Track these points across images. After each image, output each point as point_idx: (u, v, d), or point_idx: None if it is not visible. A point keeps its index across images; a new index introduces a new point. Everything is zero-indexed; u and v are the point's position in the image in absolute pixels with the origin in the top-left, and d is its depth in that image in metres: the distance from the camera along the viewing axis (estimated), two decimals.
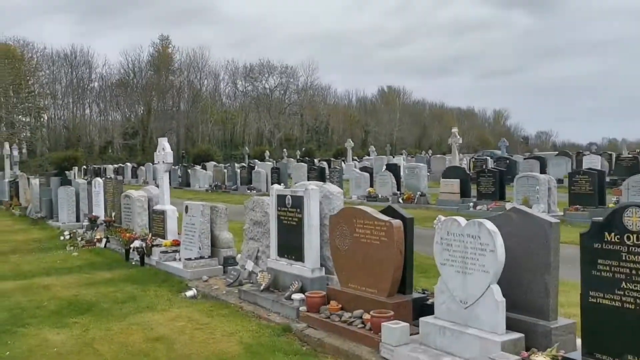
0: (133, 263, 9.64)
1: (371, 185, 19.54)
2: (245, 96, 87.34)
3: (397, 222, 5.37)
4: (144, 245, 9.48)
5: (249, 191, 25.27)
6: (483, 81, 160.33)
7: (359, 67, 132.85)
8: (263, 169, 25.33)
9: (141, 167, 37.80)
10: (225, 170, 28.44)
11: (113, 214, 12.23)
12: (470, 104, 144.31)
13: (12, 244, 12.48)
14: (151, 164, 38.75)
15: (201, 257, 8.56)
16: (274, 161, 40.48)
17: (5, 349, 5.57)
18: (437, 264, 4.82)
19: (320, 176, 21.79)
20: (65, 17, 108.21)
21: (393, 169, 18.98)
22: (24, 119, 64.48)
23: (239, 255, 8.87)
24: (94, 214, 13.11)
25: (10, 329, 6.17)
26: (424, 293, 5.72)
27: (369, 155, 58.06)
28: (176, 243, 9.64)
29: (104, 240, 11.53)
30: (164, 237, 9.92)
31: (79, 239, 11.95)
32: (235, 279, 7.82)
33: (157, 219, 10.15)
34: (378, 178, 18.89)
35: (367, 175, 19.45)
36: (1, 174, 23.41)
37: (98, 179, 13.53)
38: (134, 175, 36.90)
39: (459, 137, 27.16)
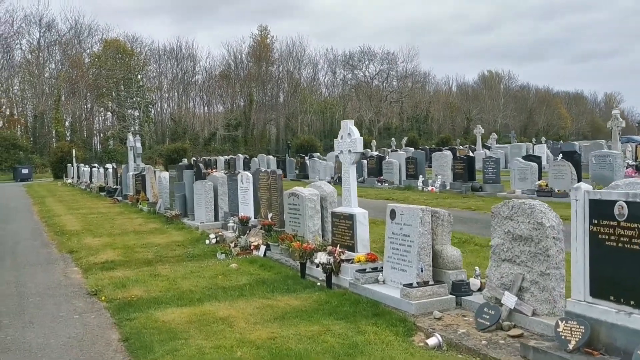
0: (318, 284, 7.46)
1: (539, 177, 16.54)
2: (345, 85, 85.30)
3: None
4: (331, 260, 7.27)
5: (379, 184, 22.94)
6: (577, 65, 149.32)
7: (445, 54, 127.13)
8: (395, 158, 22.85)
9: (254, 158, 36.52)
10: None
11: (270, 215, 10.21)
12: (574, 88, 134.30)
13: (154, 249, 10.80)
14: (264, 155, 37.52)
15: (425, 283, 6.20)
16: (387, 151, 37.81)
17: None
18: None
19: (469, 167, 18.99)
20: (166, 17, 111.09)
21: (571, 157, 15.86)
22: (133, 113, 65.95)
23: (471, 280, 6.45)
24: (242, 214, 11.19)
25: None
26: None
27: (474, 144, 54.06)
28: (372, 258, 7.37)
29: (263, 247, 9.52)
30: (351, 249, 7.69)
31: (232, 244, 10.03)
32: (494, 322, 5.39)
33: (340, 225, 7.93)
34: (552, 168, 15.87)
35: (534, 165, 16.45)
36: (124, 166, 22.48)
37: (246, 172, 11.61)
38: (247, 167, 35.66)
39: (621, 119, 23.38)
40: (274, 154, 54.45)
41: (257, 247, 9.65)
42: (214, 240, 11.00)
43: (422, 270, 6.29)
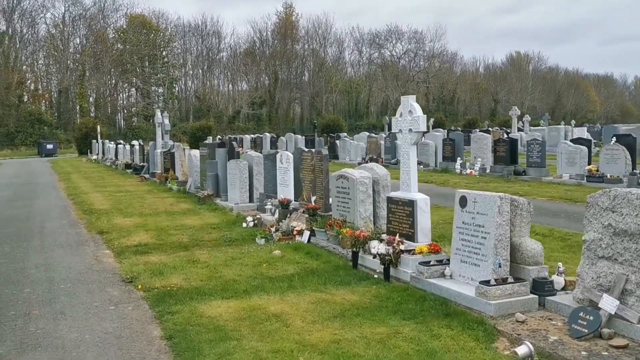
0: (375, 276, 6.76)
1: (589, 162, 15.58)
2: (371, 64, 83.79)
3: None
4: (390, 251, 6.56)
5: None
6: (607, 47, 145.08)
7: (472, 36, 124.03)
8: (431, 140, 21.95)
9: (281, 137, 35.82)
10: (383, 142, 25.35)
11: (313, 198, 9.51)
12: (604, 71, 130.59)
13: (189, 231, 10.20)
14: (292, 135, 36.75)
15: (503, 281, 5.47)
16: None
17: None
18: None
19: (512, 150, 18.06)
20: None
21: (625, 141, 14.86)
22: (157, 90, 65.58)
23: (554, 278, 5.70)
24: (282, 196, 10.51)
25: None
26: None
27: (500, 127, 52.58)
28: (435, 249, 6.65)
29: (307, 233, 8.85)
30: (410, 238, 6.96)
31: (272, 229, 9.37)
32: (593, 329, 4.65)
33: (397, 212, 7.20)
34: (605, 153, 14.90)
35: (584, 149, 15.47)
36: (152, 144, 21.95)
37: (286, 152, 10.91)
38: (274, 146, 35.01)
39: None
40: (300, 133, 53.75)
41: (300, 233, 8.99)
42: (251, 224, 10.38)
43: (499, 266, 5.55)
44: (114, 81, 64.37)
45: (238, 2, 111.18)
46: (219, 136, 46.15)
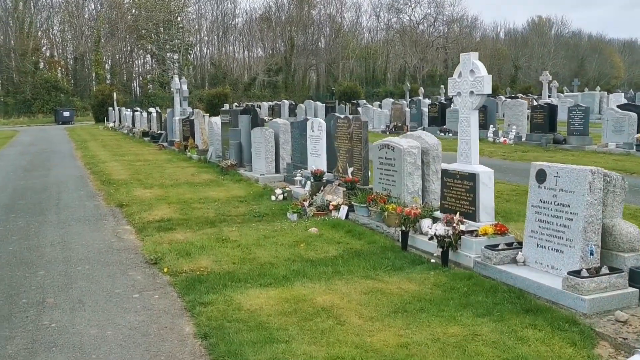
0: (432, 260, 5.94)
1: (638, 130, 14.50)
2: (389, 29, 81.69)
3: None
4: (450, 232, 5.72)
5: (442, 134, 21.11)
6: (633, 10, 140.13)
7: (488, 1, 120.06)
8: None
9: (300, 105, 34.80)
10: (409, 109, 24.28)
11: (350, 169, 8.66)
12: (629, 36, 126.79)
13: (214, 205, 9.44)
14: (312, 102, 35.71)
15: (596, 271, 4.62)
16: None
17: None
18: None
19: (550, 117, 16.99)
20: None
21: None
22: (173, 56, 64.45)
23: None
24: (313, 166, 9.68)
25: None
26: None
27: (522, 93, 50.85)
28: (501, 230, 5.80)
29: (344, 208, 8.03)
30: (470, 217, 6.11)
31: (305, 203, 8.57)
32: None
33: (454, 187, 6.34)
34: None
35: (634, 115, 14.37)
36: (169, 111, 21.14)
37: (318, 119, 10.01)
38: (292, 113, 34.05)
39: None
40: (317, 100, 52.64)
41: (336, 208, 8.18)
42: (280, 197, 9.60)
43: (592, 254, 4.70)
44: (129, 48, 63.32)
45: None
46: (235, 103, 45.21)
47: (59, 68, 58.11)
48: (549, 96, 37.11)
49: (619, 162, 12.66)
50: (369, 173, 8.69)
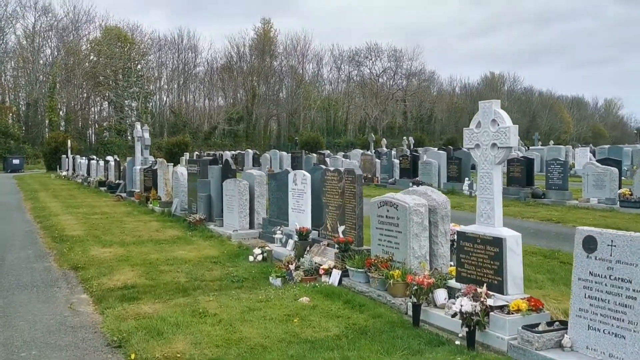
0: (457, 342, 5.01)
1: (619, 185, 14.20)
2: (350, 81, 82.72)
3: None
4: (478, 308, 4.85)
5: (414, 186, 20.48)
6: (576, 71, 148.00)
7: (446, 58, 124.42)
8: (434, 158, 20.42)
9: (265, 154, 33.96)
10: (379, 160, 23.73)
11: (341, 228, 7.75)
12: (575, 93, 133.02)
13: (184, 267, 8.34)
14: (277, 151, 34.93)
15: None
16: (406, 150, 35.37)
17: None
18: None
19: (527, 170, 16.63)
20: (165, 10, 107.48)
21: None
22: (131, 104, 63.15)
23: None
24: (296, 223, 8.73)
25: None
26: None
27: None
28: (536, 306, 4.96)
29: (337, 273, 7.08)
30: (496, 288, 5.26)
31: (290, 265, 7.58)
32: None
33: (475, 253, 5.50)
34: (638, 174, 13.51)
35: (615, 171, 14.08)
36: (129, 159, 19.94)
37: (302, 171, 9.13)
38: (256, 163, 33.15)
39: None
40: (278, 149, 51.98)
41: (327, 272, 7.23)
42: (259, 257, 8.58)
43: None
44: (85, 94, 61.78)
45: (214, 18, 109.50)
46: (196, 152, 44.13)
47: (10, 114, 55.94)
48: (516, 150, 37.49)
49: (607, 219, 12.18)
50: (362, 232, 7.81)
